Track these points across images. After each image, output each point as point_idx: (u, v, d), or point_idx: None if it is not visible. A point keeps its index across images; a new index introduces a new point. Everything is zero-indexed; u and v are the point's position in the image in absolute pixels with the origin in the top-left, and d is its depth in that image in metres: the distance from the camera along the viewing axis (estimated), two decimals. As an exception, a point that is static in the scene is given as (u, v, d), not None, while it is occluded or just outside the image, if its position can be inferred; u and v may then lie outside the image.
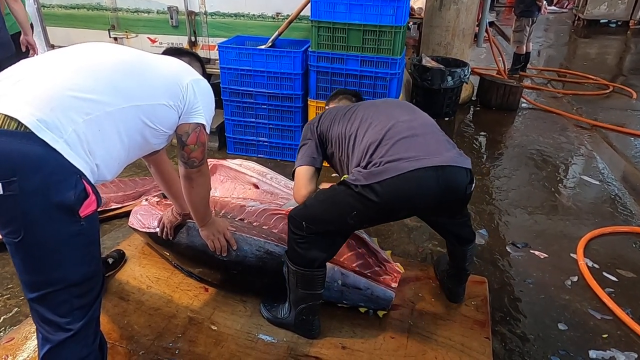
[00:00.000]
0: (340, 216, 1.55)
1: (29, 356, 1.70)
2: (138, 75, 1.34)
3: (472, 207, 2.97)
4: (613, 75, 6.64)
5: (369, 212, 1.51)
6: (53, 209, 1.08)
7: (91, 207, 1.15)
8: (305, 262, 1.63)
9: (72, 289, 1.17)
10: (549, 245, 2.61)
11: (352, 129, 1.68)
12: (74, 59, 1.28)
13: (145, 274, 2.14)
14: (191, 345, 1.77)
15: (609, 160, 3.80)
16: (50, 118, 1.08)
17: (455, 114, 4.75)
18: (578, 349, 1.90)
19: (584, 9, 10.59)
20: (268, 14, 3.56)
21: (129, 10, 3.84)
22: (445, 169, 1.47)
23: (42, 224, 1.09)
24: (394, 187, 1.44)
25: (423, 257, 2.45)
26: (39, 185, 1.05)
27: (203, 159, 1.59)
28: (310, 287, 1.69)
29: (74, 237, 1.14)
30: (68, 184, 1.09)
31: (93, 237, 1.23)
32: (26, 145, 1.05)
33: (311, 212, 1.61)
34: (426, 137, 1.55)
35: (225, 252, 1.87)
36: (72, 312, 1.18)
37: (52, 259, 1.14)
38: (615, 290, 2.26)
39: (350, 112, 1.78)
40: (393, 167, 1.45)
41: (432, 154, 1.48)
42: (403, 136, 1.52)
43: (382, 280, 1.92)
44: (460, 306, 2.03)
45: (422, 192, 1.48)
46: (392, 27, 2.88)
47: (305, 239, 1.61)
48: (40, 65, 1.23)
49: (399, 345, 1.81)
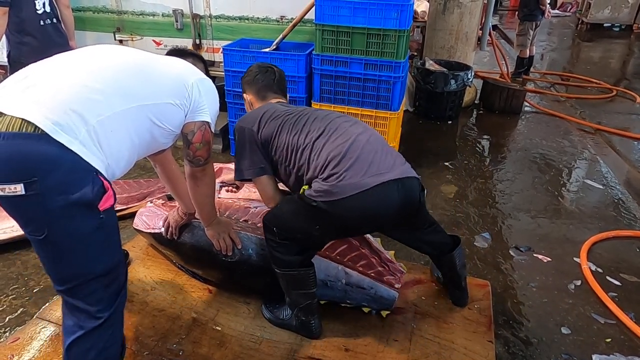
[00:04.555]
0: (305, 228, 1.58)
1: (34, 356, 1.71)
2: (144, 75, 1.37)
3: (476, 210, 2.98)
4: (616, 79, 6.63)
5: (330, 227, 1.55)
6: (74, 205, 1.13)
7: (109, 201, 1.20)
8: (285, 264, 1.66)
9: (99, 279, 1.23)
10: (552, 249, 2.61)
11: (305, 140, 1.61)
12: (83, 61, 1.31)
13: (150, 275, 2.16)
14: (195, 347, 1.78)
15: (612, 164, 3.80)
16: (65, 121, 1.12)
17: (458, 117, 4.76)
18: (581, 353, 1.90)
19: (588, 13, 10.58)
20: (272, 17, 3.58)
21: (134, 12, 3.86)
22: (404, 181, 1.53)
23: (64, 221, 1.14)
24: (357, 203, 1.47)
25: (426, 260, 2.45)
26: (58, 184, 1.10)
27: (208, 158, 1.61)
28: (301, 286, 1.71)
29: (95, 231, 1.20)
30: (86, 181, 1.14)
31: (113, 229, 1.29)
32: (44, 146, 1.09)
33: (279, 220, 1.64)
34: (383, 152, 1.59)
35: (230, 251, 1.89)
36: (101, 301, 1.25)
37: (76, 254, 1.20)
38: (618, 294, 2.26)
39: (300, 120, 1.68)
40: (355, 184, 1.47)
41: (391, 168, 1.53)
42: (365, 151, 1.54)
43: (386, 280, 1.92)
44: (463, 309, 2.03)
45: (386, 205, 1.52)
46: (396, 31, 2.88)
47: (279, 244, 1.64)
48: (52, 68, 1.26)
49: (402, 348, 1.81)
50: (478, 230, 2.77)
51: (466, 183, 3.37)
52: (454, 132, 4.51)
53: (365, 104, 3.14)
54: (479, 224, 2.84)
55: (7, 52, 3.06)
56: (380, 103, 3.11)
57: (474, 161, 3.77)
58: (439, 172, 3.52)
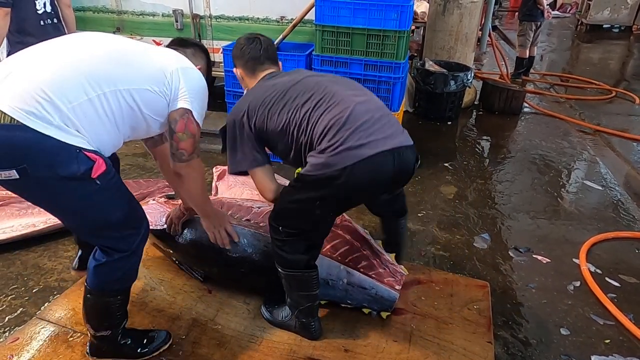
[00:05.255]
0: (308, 210, 1.56)
1: (33, 356, 1.71)
2: (120, 62, 1.41)
3: (475, 211, 2.98)
4: (616, 80, 6.64)
5: (331, 200, 1.53)
6: (66, 180, 1.26)
7: (101, 168, 1.31)
8: (290, 264, 1.66)
9: (116, 228, 1.43)
10: (551, 250, 2.62)
11: (301, 114, 1.55)
12: (60, 51, 1.36)
13: (149, 275, 2.16)
14: (195, 347, 1.78)
15: (611, 166, 3.81)
16: (38, 109, 1.21)
17: (457, 118, 4.76)
18: (580, 353, 1.91)
19: (587, 14, 10.59)
20: (272, 17, 3.59)
21: (134, 12, 3.87)
22: (400, 150, 1.52)
23: (62, 194, 1.30)
24: (357, 172, 1.45)
25: (426, 261, 2.46)
26: (46, 166, 1.23)
27: (193, 154, 1.55)
28: (304, 288, 1.71)
29: (95, 193, 1.33)
30: (70, 160, 1.25)
31: (116, 188, 1.42)
32: (23, 135, 1.19)
33: (282, 214, 1.64)
34: (382, 121, 1.54)
35: (227, 244, 1.88)
36: (123, 241, 1.45)
37: (87, 214, 1.38)
38: (617, 295, 2.26)
39: (290, 93, 1.60)
40: (353, 154, 1.45)
41: (389, 137, 1.51)
42: (364, 120, 1.50)
43: (386, 282, 1.93)
44: (462, 310, 2.03)
45: (381, 174, 1.51)
46: (396, 32, 2.89)
47: (285, 242, 1.64)
48: (29, 58, 1.32)
49: (401, 349, 1.82)
50: (477, 231, 2.77)
51: (466, 184, 3.37)
52: (454, 132, 4.51)
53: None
54: (479, 224, 2.84)
55: (7, 52, 3.06)
56: (380, 104, 3.11)
57: (473, 162, 3.78)
58: (438, 172, 3.52)
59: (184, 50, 1.71)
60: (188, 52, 1.71)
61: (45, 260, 2.30)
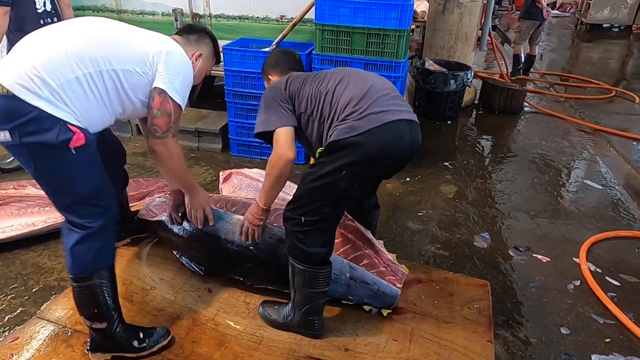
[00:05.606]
0: (332, 185, 1.58)
1: (33, 355, 1.71)
2: (108, 44, 1.53)
3: (475, 210, 2.98)
4: (616, 80, 6.64)
5: (356, 165, 1.56)
6: (46, 146, 1.42)
7: (79, 141, 1.46)
8: (309, 258, 1.67)
9: (85, 200, 1.53)
10: (551, 249, 2.61)
11: (327, 86, 1.71)
12: (56, 35, 1.51)
13: (149, 274, 2.16)
14: (195, 346, 1.78)
15: (611, 165, 3.80)
16: (30, 84, 1.38)
17: (457, 117, 4.76)
18: (581, 353, 1.91)
19: (587, 13, 10.59)
20: (272, 16, 3.59)
21: (134, 12, 3.87)
22: (413, 123, 1.65)
23: (43, 158, 1.45)
24: (378, 135, 1.54)
25: (426, 260, 2.46)
26: (31, 131, 1.40)
27: (167, 132, 1.63)
28: (316, 285, 1.71)
29: (70, 163, 1.48)
30: (52, 129, 1.41)
31: (91, 164, 1.54)
32: (17, 103, 1.37)
33: (305, 199, 1.64)
34: (397, 98, 1.69)
35: (201, 224, 1.97)
36: (90, 215, 1.54)
37: (60, 182, 1.51)
38: (617, 294, 2.26)
39: (319, 75, 1.80)
40: (376, 118, 1.56)
41: (404, 111, 1.64)
42: (382, 93, 1.64)
43: (388, 280, 1.94)
44: (462, 309, 2.03)
45: (399, 142, 1.60)
46: (396, 31, 2.89)
47: (306, 234, 1.64)
48: (29, 42, 1.51)
49: (402, 348, 1.82)
50: (477, 230, 2.77)
51: (466, 183, 3.37)
52: (454, 132, 4.51)
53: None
54: (479, 224, 2.84)
55: (7, 50, 3.05)
56: (380, 103, 3.11)
57: (473, 161, 3.77)
58: (438, 172, 3.52)
59: (187, 36, 1.82)
60: (191, 39, 1.81)
61: (45, 260, 2.30)
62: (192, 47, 1.80)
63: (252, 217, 1.87)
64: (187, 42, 1.80)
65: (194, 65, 1.78)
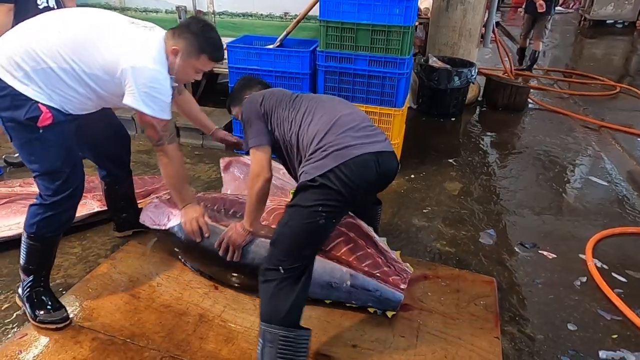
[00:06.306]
0: (311, 223, 1.54)
1: (41, 352, 1.71)
2: (82, 46, 1.61)
3: (480, 207, 2.98)
4: (619, 76, 6.61)
5: (333, 202, 1.56)
6: (16, 122, 1.61)
7: (47, 121, 1.61)
8: (288, 315, 1.52)
9: (43, 175, 1.71)
10: (557, 245, 2.61)
11: (297, 117, 1.74)
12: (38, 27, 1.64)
13: (156, 271, 2.16)
14: (202, 343, 1.79)
15: (616, 161, 3.79)
16: (7, 67, 1.57)
17: (461, 114, 4.75)
18: (588, 349, 1.90)
19: (590, 10, 10.55)
20: (276, 13, 3.58)
21: (137, 9, 3.87)
22: (383, 154, 1.64)
23: (15, 131, 1.64)
24: (344, 171, 1.55)
25: (431, 257, 2.45)
26: (7, 108, 1.60)
27: (160, 140, 1.75)
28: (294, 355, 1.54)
29: (36, 140, 1.64)
30: (23, 107, 1.58)
31: (55, 143, 1.67)
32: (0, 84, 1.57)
33: (283, 247, 1.57)
34: (366, 129, 1.69)
35: (198, 237, 1.98)
36: (48, 190, 1.72)
37: (29, 154, 1.68)
38: (624, 290, 2.25)
39: (293, 98, 1.82)
40: (341, 154, 1.57)
41: (372, 143, 1.64)
42: (348, 127, 1.65)
43: (391, 280, 1.93)
44: (469, 305, 2.03)
45: (367, 175, 1.60)
46: (401, 27, 2.87)
47: (284, 282, 1.53)
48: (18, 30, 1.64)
49: (409, 344, 1.82)
50: (483, 227, 2.76)
51: (470, 180, 3.36)
52: (457, 129, 4.50)
53: (370, 100, 3.13)
54: (484, 220, 2.83)
55: None
56: (385, 100, 3.11)
57: (477, 158, 3.76)
58: (442, 168, 3.51)
59: (175, 30, 1.79)
60: (175, 32, 1.78)
61: (52, 257, 2.30)
62: (171, 42, 1.75)
63: (235, 237, 1.88)
64: (171, 36, 1.77)
65: (172, 61, 1.74)
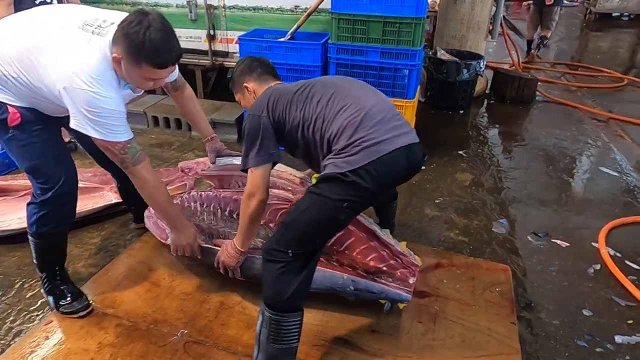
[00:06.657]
0: (332, 216, 1.51)
1: (67, 338, 1.75)
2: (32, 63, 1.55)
3: (492, 197, 2.99)
4: (626, 68, 6.60)
5: (359, 198, 1.51)
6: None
7: (15, 121, 1.62)
8: (290, 298, 1.50)
9: (29, 173, 1.72)
10: (569, 234, 2.62)
11: (317, 110, 1.60)
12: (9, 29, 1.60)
13: (174, 261, 2.19)
14: (224, 328, 1.82)
15: (626, 152, 3.80)
16: None
17: (469, 107, 4.76)
18: (604, 334, 1.92)
19: (596, 2, 10.52)
20: (286, 7, 3.59)
21: (148, 4, 3.88)
22: (412, 146, 1.58)
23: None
24: (379, 167, 1.49)
25: (445, 246, 2.47)
26: None
27: (124, 163, 1.66)
28: (286, 339, 1.54)
29: (11, 140, 1.67)
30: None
31: (28, 142, 1.67)
32: None
33: (296, 232, 1.52)
34: (394, 120, 1.60)
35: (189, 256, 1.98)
36: (38, 188, 1.73)
37: (11, 153, 1.73)
38: (638, 277, 2.27)
39: (304, 92, 1.65)
40: (374, 150, 1.49)
41: (402, 135, 1.57)
42: (378, 119, 1.55)
43: (399, 274, 1.87)
44: (484, 292, 2.06)
45: (398, 170, 1.57)
46: (413, 19, 2.89)
47: (287, 267, 1.49)
48: None
49: (427, 330, 1.85)
50: (495, 216, 2.78)
51: (481, 171, 3.38)
52: (466, 121, 4.51)
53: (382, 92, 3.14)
54: (496, 210, 2.85)
55: None
56: (396, 91, 3.13)
57: (487, 150, 3.78)
58: (453, 160, 3.53)
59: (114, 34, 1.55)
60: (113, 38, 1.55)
61: (72, 247, 2.34)
62: (113, 48, 1.54)
63: (227, 259, 1.84)
64: (114, 40, 1.54)
65: (119, 70, 1.56)
